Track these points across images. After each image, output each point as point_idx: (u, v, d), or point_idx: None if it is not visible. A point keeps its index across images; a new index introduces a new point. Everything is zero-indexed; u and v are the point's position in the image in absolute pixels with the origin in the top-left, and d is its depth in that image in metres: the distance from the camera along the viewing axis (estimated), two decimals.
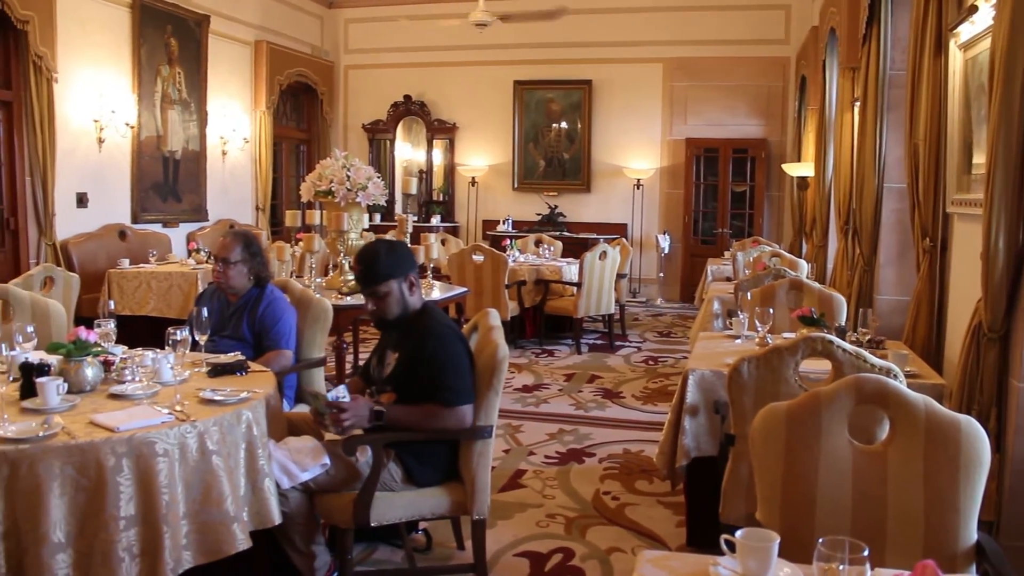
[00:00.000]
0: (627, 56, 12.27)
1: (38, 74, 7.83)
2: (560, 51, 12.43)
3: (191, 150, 10.19)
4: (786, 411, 2.23)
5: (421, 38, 12.77)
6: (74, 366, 2.96)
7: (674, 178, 12.30)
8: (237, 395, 2.89)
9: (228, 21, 10.84)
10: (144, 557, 2.53)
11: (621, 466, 5.05)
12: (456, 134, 13.08)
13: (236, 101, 11.15)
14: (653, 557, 1.85)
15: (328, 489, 3.11)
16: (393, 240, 3.46)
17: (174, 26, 9.77)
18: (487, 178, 12.99)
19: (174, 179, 9.94)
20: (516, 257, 8.93)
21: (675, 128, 12.26)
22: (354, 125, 13.45)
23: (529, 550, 3.85)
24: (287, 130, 12.68)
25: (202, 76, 10.29)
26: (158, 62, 9.55)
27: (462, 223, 13.15)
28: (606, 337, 9.05)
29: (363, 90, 13.43)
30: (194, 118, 10.21)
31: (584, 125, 12.50)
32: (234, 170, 11.21)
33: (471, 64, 12.82)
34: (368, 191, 5.50)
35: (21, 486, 2.41)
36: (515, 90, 12.70)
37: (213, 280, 4.07)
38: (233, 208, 11.13)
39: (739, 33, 11.82)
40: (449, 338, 3.20)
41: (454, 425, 3.14)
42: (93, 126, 8.69)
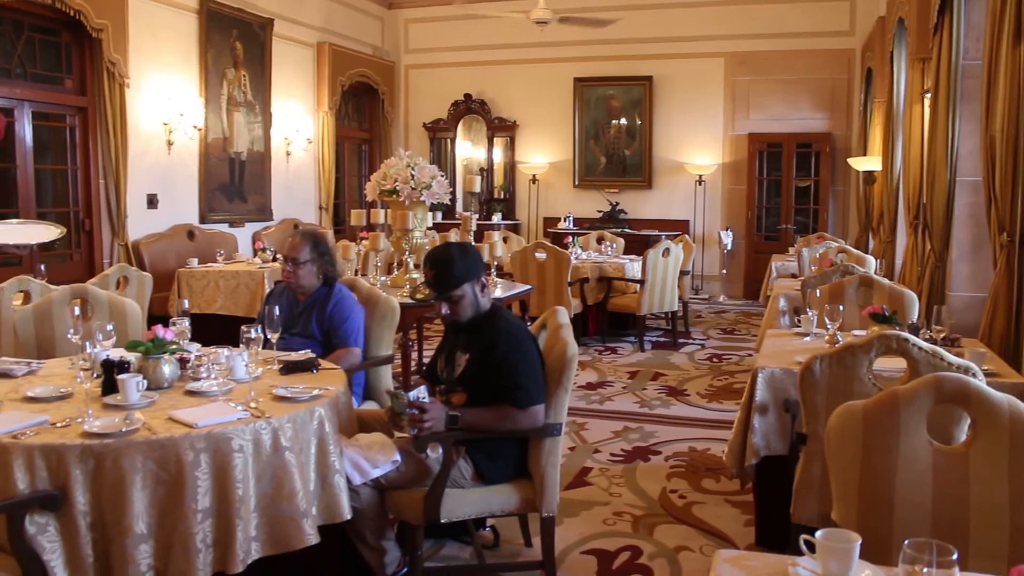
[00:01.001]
0: (688, 51, 12.16)
1: (111, 80, 8.05)
2: (620, 47, 12.36)
3: (256, 151, 10.37)
4: (863, 410, 2.18)
5: (481, 37, 12.82)
6: (152, 363, 3.03)
7: (736, 174, 12.15)
8: (309, 392, 2.94)
9: (291, 24, 11.00)
10: (217, 547, 2.59)
11: (687, 464, 5.01)
12: (516, 132, 13.10)
13: (299, 102, 11.31)
14: (730, 556, 1.83)
15: (398, 485, 3.14)
16: (464, 243, 3.47)
17: (239, 30, 9.95)
18: (548, 175, 12.99)
19: (240, 180, 10.13)
20: (578, 254, 8.91)
21: (737, 123, 12.12)
22: (415, 124, 13.56)
23: (596, 548, 3.84)
24: (349, 130, 12.82)
25: (266, 78, 10.47)
26: (224, 65, 9.73)
27: (523, 221, 13.17)
28: (669, 334, 8.98)
29: (424, 89, 13.51)
30: (259, 120, 10.39)
31: (645, 121, 12.42)
32: (298, 170, 11.38)
33: (531, 62, 12.82)
34: (432, 190, 5.54)
35: (106, 479, 2.48)
36: (575, 87, 12.66)
37: (283, 279, 4.14)
38: (297, 208, 11.30)
39: (802, 25, 11.62)
40: (520, 338, 3.21)
41: (527, 425, 3.15)
42: (163, 129, 8.89)
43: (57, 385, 3.07)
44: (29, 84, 7.68)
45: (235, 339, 3.42)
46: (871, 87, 10.07)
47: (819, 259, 7.27)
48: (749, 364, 7.67)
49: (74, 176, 8.23)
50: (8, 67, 7.54)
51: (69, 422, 2.65)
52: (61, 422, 2.65)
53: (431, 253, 3.34)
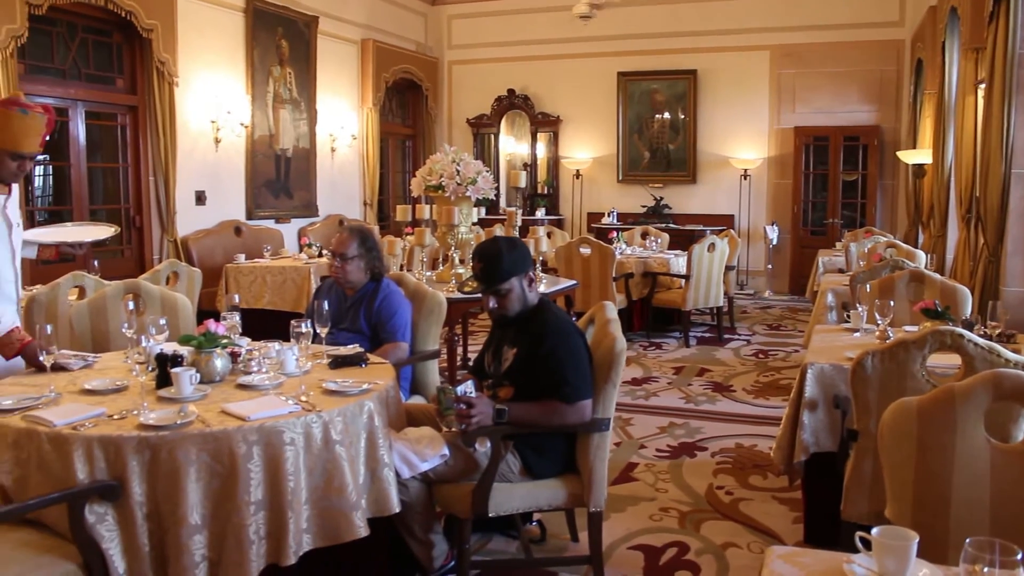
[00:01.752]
0: (733, 44, 12.04)
1: (161, 79, 8.17)
2: (664, 41, 12.27)
3: (301, 148, 10.47)
4: (917, 407, 2.15)
5: (524, 32, 12.81)
6: (205, 357, 3.07)
7: (782, 168, 12.02)
8: (359, 386, 2.96)
9: (336, 21, 11.08)
10: (270, 539, 2.62)
11: (734, 460, 4.98)
12: (560, 127, 13.08)
13: (344, 99, 11.40)
14: (783, 553, 1.81)
15: (447, 479, 3.16)
16: (512, 237, 3.48)
17: (285, 28, 10.05)
18: (591, 170, 12.94)
19: (286, 176, 10.24)
20: (623, 249, 8.88)
21: (783, 117, 11.98)
22: (458, 120, 13.59)
23: (643, 543, 3.84)
24: (393, 126, 12.89)
25: (311, 75, 10.56)
26: (270, 63, 9.84)
27: (566, 216, 13.14)
28: (714, 330, 8.92)
29: (467, 85, 13.54)
30: (304, 117, 10.49)
31: (689, 115, 12.32)
32: (342, 166, 11.47)
33: (574, 56, 12.78)
34: (477, 185, 5.56)
35: (161, 470, 2.53)
36: (619, 81, 12.60)
37: (331, 275, 4.18)
38: (342, 204, 11.39)
39: (849, 16, 11.44)
40: (568, 333, 3.20)
41: (574, 420, 3.15)
42: (210, 127, 9.01)
43: (113, 378, 3.13)
44: (82, 84, 7.83)
45: (282, 334, 3.48)
46: (921, 78, 9.90)
47: (867, 254, 7.18)
48: (796, 360, 7.60)
49: (125, 174, 8.37)
50: (63, 68, 7.69)
51: (125, 414, 2.70)
52: (118, 414, 2.71)
53: (479, 247, 3.34)
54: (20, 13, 6.63)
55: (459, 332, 6.22)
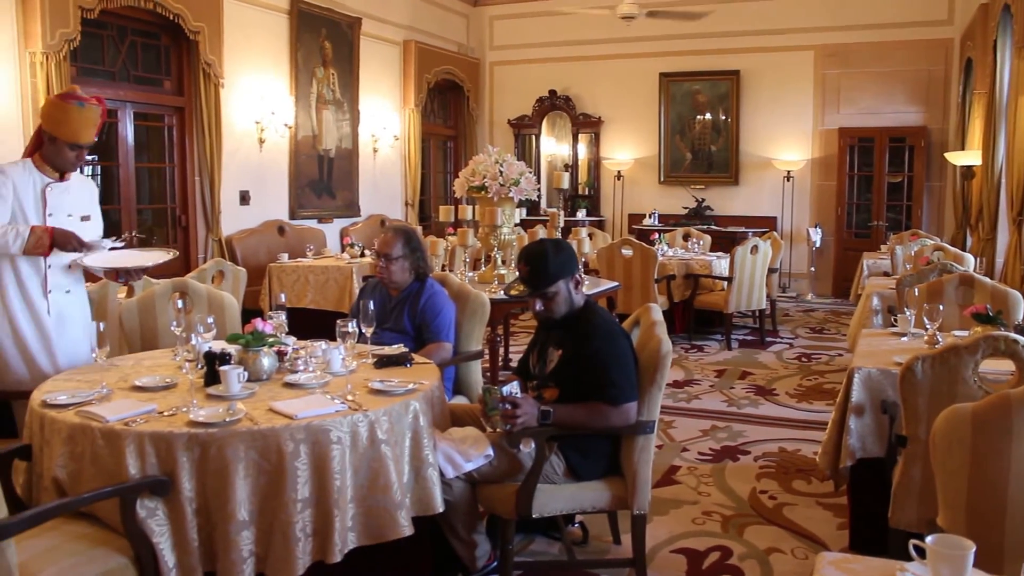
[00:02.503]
0: (776, 44, 11.92)
1: (207, 80, 8.28)
2: (706, 41, 12.19)
3: (344, 148, 10.55)
4: (972, 413, 2.11)
5: (566, 33, 12.79)
6: (252, 356, 3.11)
7: (826, 169, 11.88)
8: (405, 386, 2.98)
9: (378, 22, 11.15)
10: (316, 537, 2.65)
11: (777, 465, 4.93)
12: (601, 128, 13.04)
13: (386, 100, 11.46)
14: (834, 559, 1.79)
15: (491, 480, 3.16)
16: (558, 239, 3.48)
17: (328, 29, 10.13)
18: (633, 171, 12.89)
19: (328, 176, 10.32)
20: (665, 251, 8.83)
21: (827, 117, 11.83)
22: (499, 121, 13.61)
23: (686, 547, 3.81)
24: (435, 127, 12.94)
25: (354, 77, 10.63)
26: (313, 64, 9.92)
27: (607, 217, 13.10)
28: (756, 333, 8.84)
29: (508, 86, 13.56)
30: (347, 117, 10.56)
31: (732, 116, 12.23)
32: (384, 167, 11.53)
33: (616, 57, 12.75)
34: (520, 186, 5.56)
35: (211, 467, 2.56)
36: (660, 82, 12.54)
37: (376, 275, 4.20)
38: (384, 204, 11.46)
39: (896, 15, 11.27)
40: (614, 335, 3.20)
41: (619, 422, 3.14)
42: (255, 127, 9.11)
43: (162, 375, 3.18)
44: (131, 86, 7.96)
45: (324, 333, 3.51)
46: (970, 78, 9.74)
47: (914, 257, 7.08)
48: (840, 364, 7.51)
49: (171, 174, 8.49)
50: (113, 70, 7.82)
51: (175, 411, 2.74)
52: (168, 411, 2.75)
53: (525, 250, 3.34)
54: (73, 17, 6.76)
55: (500, 333, 6.22)
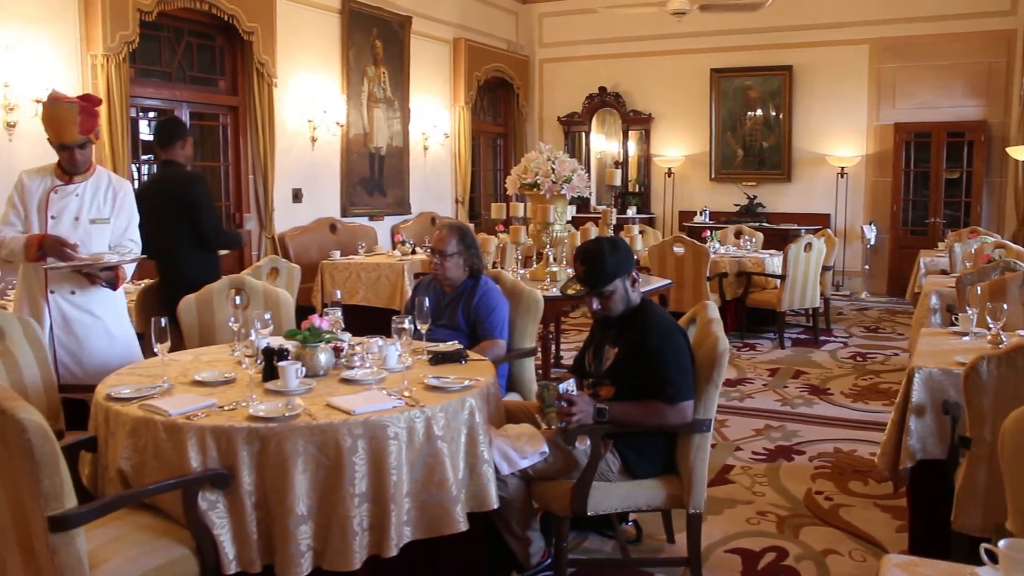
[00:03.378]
0: (830, 39, 11.72)
1: (260, 80, 8.39)
2: (759, 36, 12.04)
3: (395, 146, 10.62)
4: None
5: (615, 29, 12.71)
6: (309, 352, 3.14)
7: (881, 165, 11.66)
8: (460, 383, 2.99)
9: (428, 21, 11.19)
10: (372, 531, 2.67)
11: (833, 465, 4.86)
12: (651, 124, 12.95)
13: (436, 98, 11.51)
14: (901, 562, 1.76)
15: (546, 477, 3.16)
16: (614, 238, 3.46)
17: (379, 28, 10.20)
18: (683, 168, 12.80)
19: (379, 174, 10.39)
20: (716, 249, 8.76)
21: (882, 113, 11.61)
22: (549, 118, 13.59)
23: (740, 547, 3.78)
24: (484, 124, 12.96)
25: (405, 75, 10.69)
26: (364, 63, 10.00)
27: (658, 214, 13.02)
28: (809, 331, 8.72)
29: (558, 83, 13.53)
30: (397, 115, 10.63)
31: (784, 112, 12.07)
32: (435, 165, 11.59)
33: (666, 53, 12.65)
34: (572, 183, 5.55)
35: (270, 461, 2.60)
36: (712, 78, 12.42)
37: (430, 271, 4.22)
38: (434, 201, 11.51)
39: (955, 7, 11.00)
40: (671, 333, 3.18)
41: (675, 421, 3.12)
42: (307, 126, 9.20)
43: (221, 370, 3.23)
44: (187, 86, 8.09)
45: (375, 329, 3.53)
46: None
47: (974, 255, 6.93)
48: (896, 364, 7.39)
49: (226, 172, 8.61)
50: (169, 71, 7.96)
51: (235, 405, 2.78)
52: (228, 405, 2.79)
53: (581, 249, 3.34)
54: (132, 20, 6.89)
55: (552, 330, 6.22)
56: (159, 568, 2.51)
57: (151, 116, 8.01)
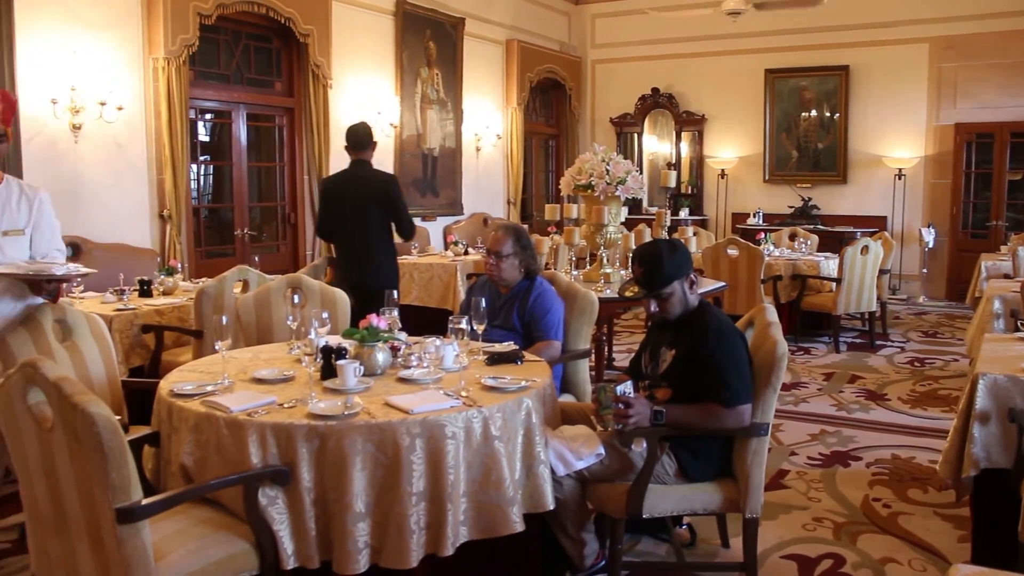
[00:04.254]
0: (888, 38, 11.52)
1: (316, 81, 8.49)
2: (814, 36, 11.88)
3: (447, 147, 10.67)
4: None
5: (668, 30, 12.64)
6: (367, 351, 3.17)
7: (940, 167, 11.42)
8: (517, 383, 3.00)
9: (481, 22, 11.24)
10: (429, 530, 2.69)
11: (891, 472, 4.78)
12: (704, 125, 12.85)
13: (489, 99, 11.54)
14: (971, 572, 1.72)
15: (601, 479, 3.16)
16: (672, 240, 3.46)
17: (432, 30, 10.26)
18: (736, 170, 12.67)
19: (432, 175, 10.45)
20: (771, 251, 8.66)
21: (942, 113, 11.37)
22: (601, 119, 13.55)
23: (796, 553, 3.73)
24: (537, 125, 12.97)
25: (458, 76, 10.74)
26: (418, 65, 10.07)
27: (710, 216, 12.91)
28: (865, 336, 8.59)
29: (610, 84, 13.49)
30: (450, 117, 10.68)
31: (840, 113, 11.88)
32: (487, 165, 11.62)
33: (720, 54, 12.54)
34: (627, 185, 5.53)
35: (329, 458, 2.63)
36: (766, 78, 12.29)
37: (486, 272, 4.24)
38: (486, 202, 11.54)
39: (1018, 3, 10.69)
40: (729, 335, 3.15)
41: (733, 424, 3.10)
42: None
43: (280, 368, 3.27)
44: (244, 88, 8.21)
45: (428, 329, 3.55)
46: None
47: None
48: (956, 369, 7.24)
49: (281, 172, 8.73)
50: (227, 73, 8.09)
51: (295, 403, 2.82)
52: (288, 403, 2.83)
53: (639, 251, 3.33)
54: (192, 24, 7.02)
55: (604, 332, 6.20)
56: (220, 561, 2.55)
57: (207, 118, 8.16)
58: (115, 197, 6.73)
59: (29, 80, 6.05)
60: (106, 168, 6.66)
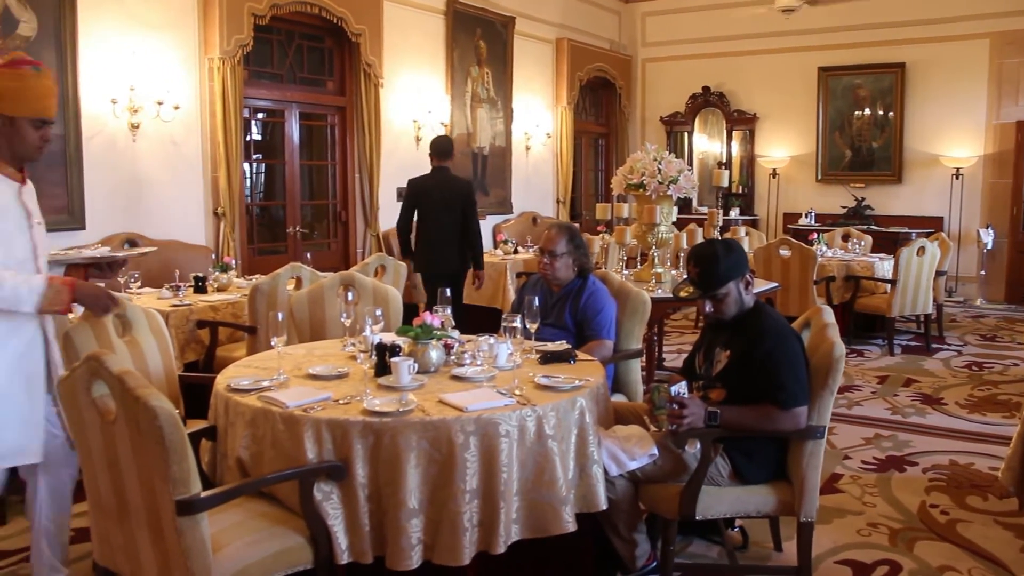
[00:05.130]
0: (947, 33, 11.26)
1: (367, 80, 8.54)
2: (869, 33, 11.66)
3: (497, 146, 10.69)
4: None
5: (719, 28, 12.53)
6: (421, 348, 3.19)
7: (1001, 166, 11.15)
8: (571, 382, 2.99)
9: (531, 21, 11.22)
10: (481, 528, 2.70)
11: (948, 478, 4.68)
12: (756, 124, 12.70)
13: (539, 98, 11.53)
14: None
15: (654, 479, 3.14)
16: (728, 240, 3.42)
17: (483, 29, 10.28)
18: (788, 169, 12.51)
19: (482, 174, 10.47)
20: (823, 252, 8.54)
21: (1003, 110, 11.09)
22: (651, 118, 13.47)
23: (851, 558, 3.68)
24: (586, 124, 12.93)
25: (508, 75, 10.75)
26: (468, 64, 10.09)
27: (761, 216, 12.77)
28: (920, 338, 8.42)
29: (660, 83, 13.40)
30: (500, 115, 10.69)
31: (896, 111, 11.66)
32: (537, 164, 11.61)
33: (772, 52, 12.37)
34: (679, 184, 5.49)
35: (383, 454, 2.65)
36: (819, 77, 12.09)
37: (539, 271, 4.23)
38: (535, 201, 11.53)
39: None
40: (786, 337, 3.12)
41: (788, 427, 3.06)
42: (412, 126, 9.33)
43: (334, 364, 3.30)
44: (297, 87, 8.30)
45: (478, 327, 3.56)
46: None
47: None
48: (1016, 374, 7.08)
49: (333, 171, 8.80)
50: (280, 73, 8.18)
51: (350, 399, 2.85)
52: (343, 399, 2.85)
53: (695, 251, 3.30)
54: (247, 24, 7.11)
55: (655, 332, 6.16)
56: (276, 555, 2.58)
57: (260, 117, 8.25)
58: (171, 195, 6.85)
59: (90, 80, 6.18)
60: (163, 166, 6.78)
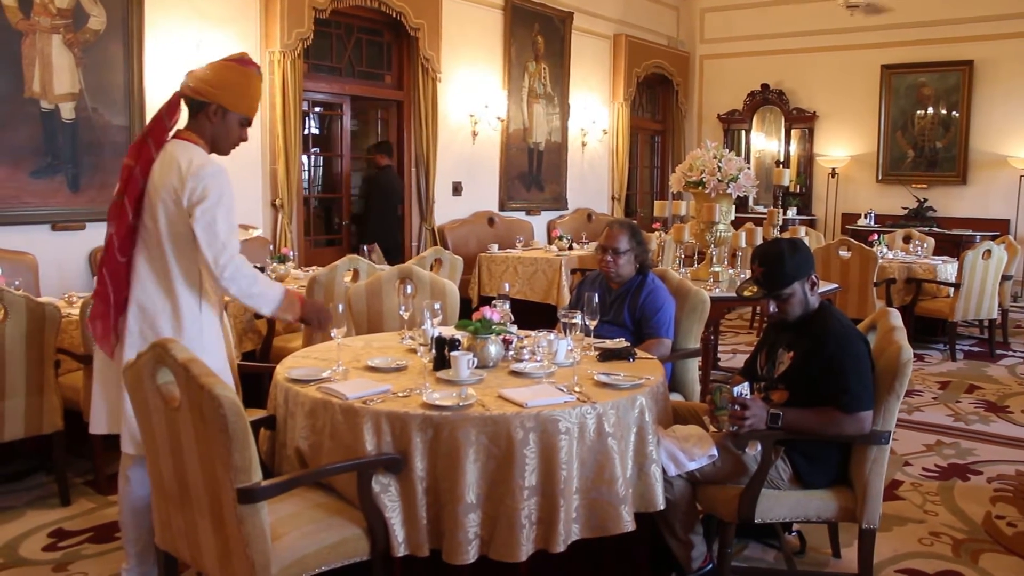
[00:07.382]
0: (1017, 30, 10.96)
1: (425, 75, 8.58)
2: (935, 30, 11.39)
3: (553, 142, 10.66)
4: None
5: (780, 24, 12.35)
6: (480, 343, 3.18)
7: None
8: (631, 380, 2.96)
9: (589, 17, 11.17)
10: (540, 525, 2.68)
11: (1015, 489, 4.54)
12: (815, 123, 12.49)
13: (596, 94, 11.48)
14: None
15: (713, 481, 3.10)
16: (794, 239, 3.36)
17: (541, 24, 10.26)
18: (848, 169, 12.29)
19: (537, 169, 10.46)
20: (884, 253, 8.37)
21: None
22: (708, 116, 13.33)
23: (912, 568, 3.59)
24: (643, 121, 12.83)
25: (565, 71, 10.71)
26: (526, 59, 10.08)
27: (819, 216, 12.56)
28: (984, 344, 8.22)
29: (718, 80, 13.25)
30: (557, 111, 10.66)
31: (962, 110, 11.38)
32: (592, 161, 11.56)
33: (834, 49, 12.15)
34: (739, 182, 5.42)
35: (442, 448, 2.64)
36: (882, 74, 11.86)
37: (599, 268, 4.21)
38: (590, 198, 11.48)
39: None
40: (851, 340, 3.05)
41: (852, 431, 3.00)
42: (468, 120, 9.36)
43: (393, 357, 3.31)
44: (355, 81, 8.36)
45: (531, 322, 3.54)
46: None
47: None
48: None
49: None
50: (339, 66, 8.25)
51: (409, 392, 2.85)
52: (402, 392, 2.86)
53: (760, 250, 3.25)
54: (307, 18, 7.19)
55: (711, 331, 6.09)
56: (333, 545, 2.59)
57: (318, 110, 8.32)
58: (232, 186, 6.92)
59: (156, 73, 6.29)
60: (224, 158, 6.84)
